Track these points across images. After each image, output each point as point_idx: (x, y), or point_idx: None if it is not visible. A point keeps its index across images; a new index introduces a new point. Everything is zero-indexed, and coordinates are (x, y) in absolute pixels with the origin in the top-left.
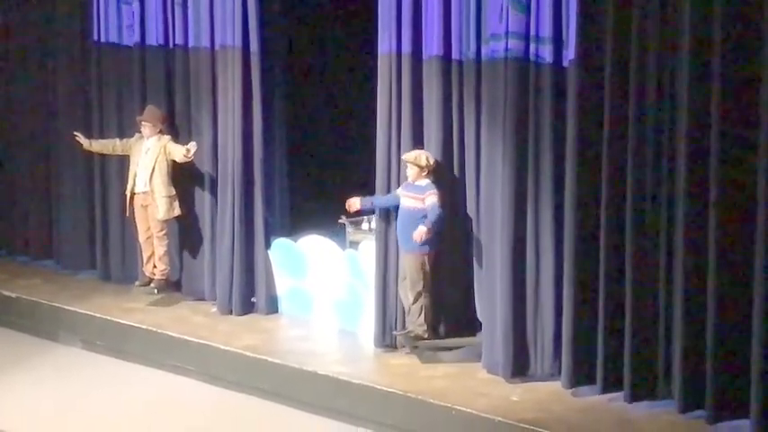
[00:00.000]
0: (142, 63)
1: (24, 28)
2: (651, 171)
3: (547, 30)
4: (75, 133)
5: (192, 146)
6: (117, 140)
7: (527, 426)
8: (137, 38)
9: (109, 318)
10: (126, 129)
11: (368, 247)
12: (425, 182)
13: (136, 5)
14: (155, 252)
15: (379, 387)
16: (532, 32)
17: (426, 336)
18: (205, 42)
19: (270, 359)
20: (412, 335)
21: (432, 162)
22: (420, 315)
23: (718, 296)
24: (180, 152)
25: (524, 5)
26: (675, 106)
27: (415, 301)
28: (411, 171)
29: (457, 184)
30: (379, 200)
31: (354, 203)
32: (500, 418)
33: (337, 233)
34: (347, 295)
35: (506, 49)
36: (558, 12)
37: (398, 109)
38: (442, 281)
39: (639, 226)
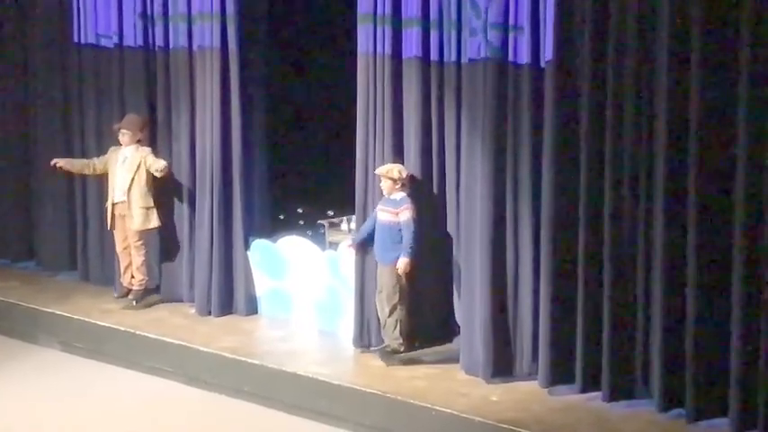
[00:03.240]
0: (121, 64)
1: (2, 29)
2: (629, 172)
3: (525, 30)
4: (55, 163)
5: (164, 166)
6: (94, 160)
7: (507, 426)
8: (115, 39)
9: (87, 319)
10: (105, 131)
11: (347, 248)
12: (400, 195)
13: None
14: (132, 262)
15: (359, 388)
16: (510, 33)
17: (402, 349)
18: (183, 43)
19: (249, 360)
20: (388, 350)
21: (404, 175)
22: (395, 328)
23: (696, 295)
24: (157, 169)
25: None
26: (653, 107)
27: (391, 314)
28: (384, 184)
29: (436, 186)
30: (364, 227)
31: (351, 247)
32: (480, 419)
33: (316, 234)
34: (327, 296)
35: (485, 50)
36: (536, 11)
37: (375, 109)
38: (418, 293)
39: (618, 226)
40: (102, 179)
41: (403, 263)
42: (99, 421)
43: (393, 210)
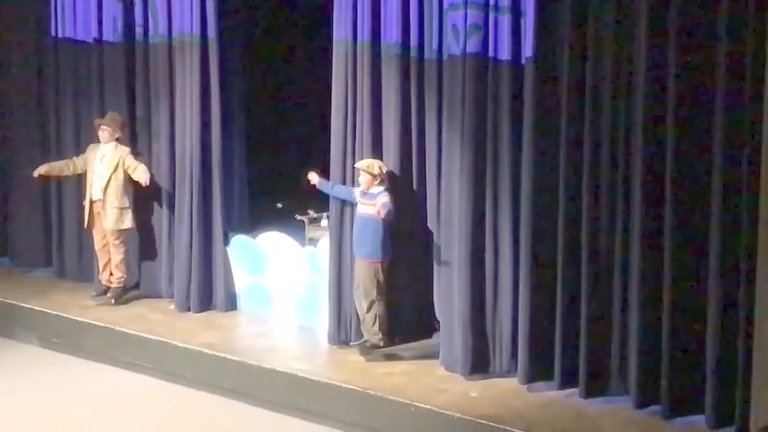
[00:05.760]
0: (99, 59)
1: None
2: (607, 170)
3: (505, 26)
4: (37, 174)
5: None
6: (74, 159)
7: (486, 422)
8: (94, 33)
9: (66, 315)
10: (82, 127)
11: (326, 244)
12: (379, 189)
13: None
14: (111, 260)
15: (338, 384)
16: (491, 27)
17: (382, 344)
18: (163, 31)
19: (228, 356)
20: (368, 344)
21: (384, 171)
22: (374, 324)
23: (672, 293)
24: (139, 176)
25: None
26: (632, 103)
27: (369, 309)
28: (363, 179)
29: (416, 181)
30: (338, 189)
31: (313, 178)
32: (459, 414)
33: (296, 229)
34: (306, 292)
35: (464, 46)
36: (517, 10)
37: (355, 103)
38: (396, 288)
39: (596, 225)
40: (79, 176)
41: (382, 203)
42: (78, 417)
43: (371, 202)
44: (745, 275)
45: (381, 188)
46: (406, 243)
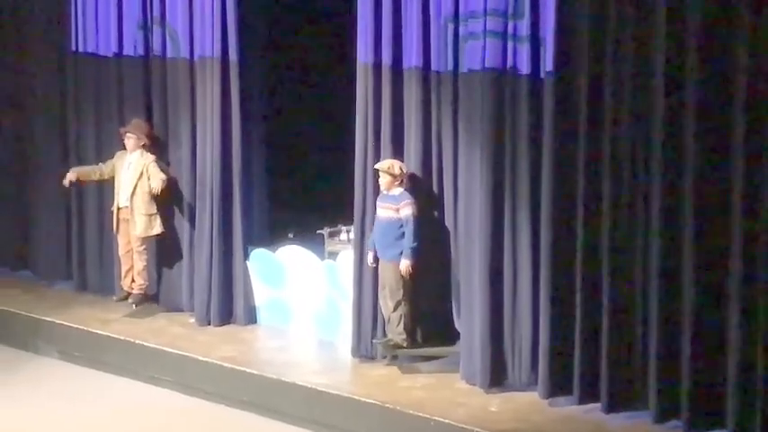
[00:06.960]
0: (119, 73)
1: None
2: (627, 183)
3: (524, 39)
4: (68, 181)
5: (160, 184)
6: (101, 165)
7: None
8: (114, 48)
9: (86, 329)
10: (103, 140)
11: (346, 258)
12: (399, 191)
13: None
14: (134, 266)
15: (357, 398)
16: (510, 43)
17: (405, 344)
18: (184, 52)
19: (248, 370)
20: (391, 343)
21: (405, 171)
22: (399, 324)
23: (694, 306)
24: (153, 187)
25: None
26: (650, 117)
27: (395, 309)
28: (384, 180)
29: (436, 195)
30: (373, 237)
31: (371, 261)
32: (478, 429)
33: (316, 243)
34: (326, 306)
35: (483, 60)
36: (536, 23)
37: (376, 119)
38: (421, 290)
39: (616, 238)
40: (102, 187)
41: (404, 265)
42: (97, 430)
43: (393, 206)
44: (765, 289)
45: (402, 189)
46: (429, 247)
